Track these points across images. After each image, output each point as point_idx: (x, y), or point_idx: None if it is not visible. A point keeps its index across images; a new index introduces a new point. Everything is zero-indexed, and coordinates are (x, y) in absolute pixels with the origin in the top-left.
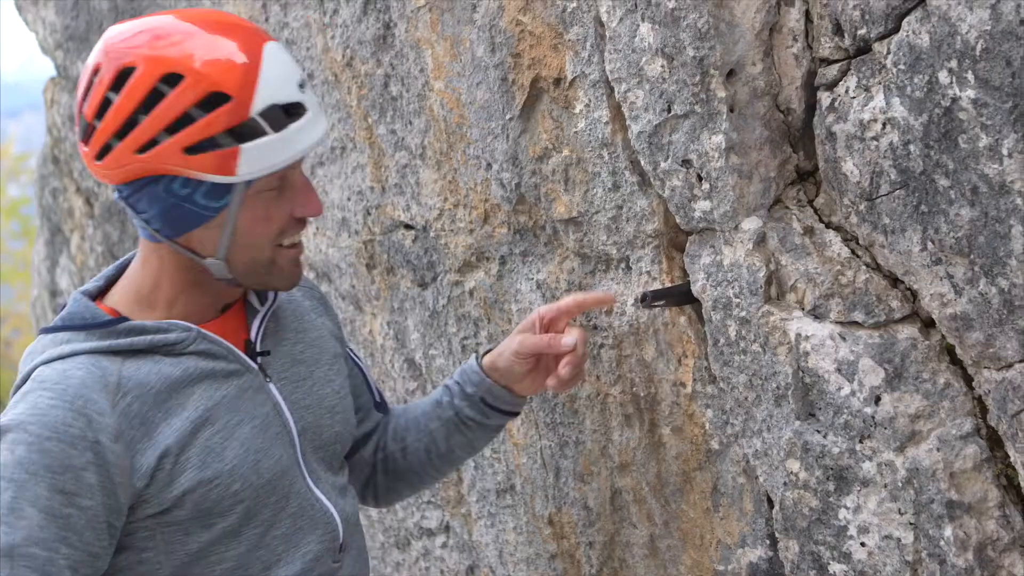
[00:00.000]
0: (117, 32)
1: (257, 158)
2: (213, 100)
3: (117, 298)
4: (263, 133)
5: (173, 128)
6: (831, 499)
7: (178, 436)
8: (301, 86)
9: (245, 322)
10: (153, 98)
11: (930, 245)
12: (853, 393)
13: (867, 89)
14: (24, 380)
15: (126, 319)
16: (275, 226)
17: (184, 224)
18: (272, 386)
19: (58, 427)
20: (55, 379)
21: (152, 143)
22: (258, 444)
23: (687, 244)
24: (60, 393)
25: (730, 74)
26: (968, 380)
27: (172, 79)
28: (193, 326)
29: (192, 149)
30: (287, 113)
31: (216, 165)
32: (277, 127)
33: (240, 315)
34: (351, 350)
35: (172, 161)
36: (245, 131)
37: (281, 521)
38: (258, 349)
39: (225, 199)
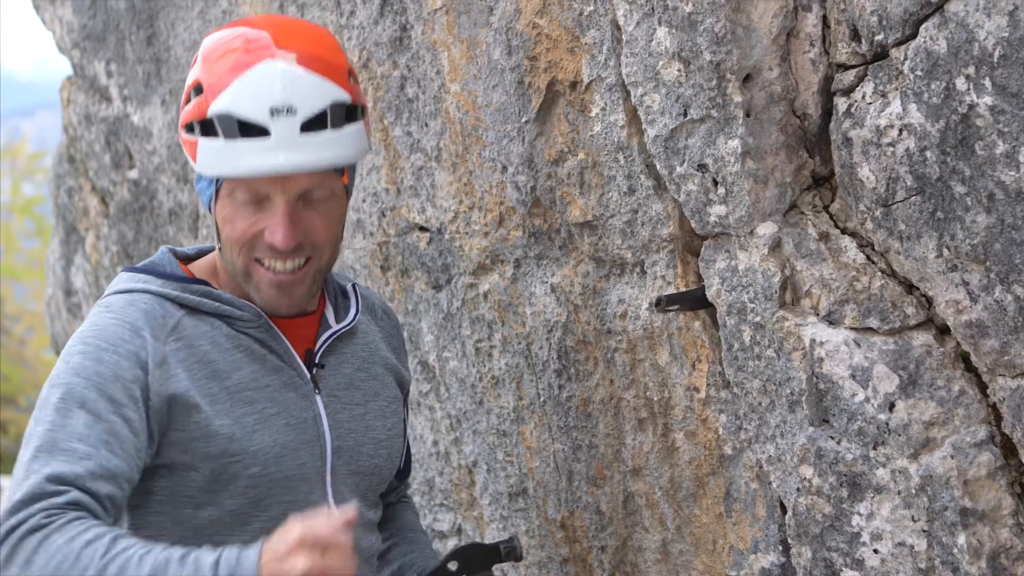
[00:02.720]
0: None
1: (206, 157)
2: (197, 89)
3: (199, 267)
4: (216, 135)
5: (184, 106)
6: (844, 505)
7: (212, 402)
8: (275, 112)
9: (316, 333)
10: (187, 80)
11: (946, 252)
12: (867, 399)
13: (884, 95)
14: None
15: (205, 282)
16: (239, 234)
17: (205, 203)
18: (319, 398)
19: (115, 340)
20: (120, 305)
21: (178, 124)
22: (287, 440)
23: (702, 249)
24: (122, 316)
25: (747, 79)
26: (983, 387)
27: (195, 63)
28: (264, 314)
29: (186, 129)
30: (243, 127)
31: (190, 150)
32: (228, 135)
33: (313, 325)
34: (407, 411)
35: (182, 139)
36: (206, 127)
37: None
38: (316, 361)
39: (211, 188)
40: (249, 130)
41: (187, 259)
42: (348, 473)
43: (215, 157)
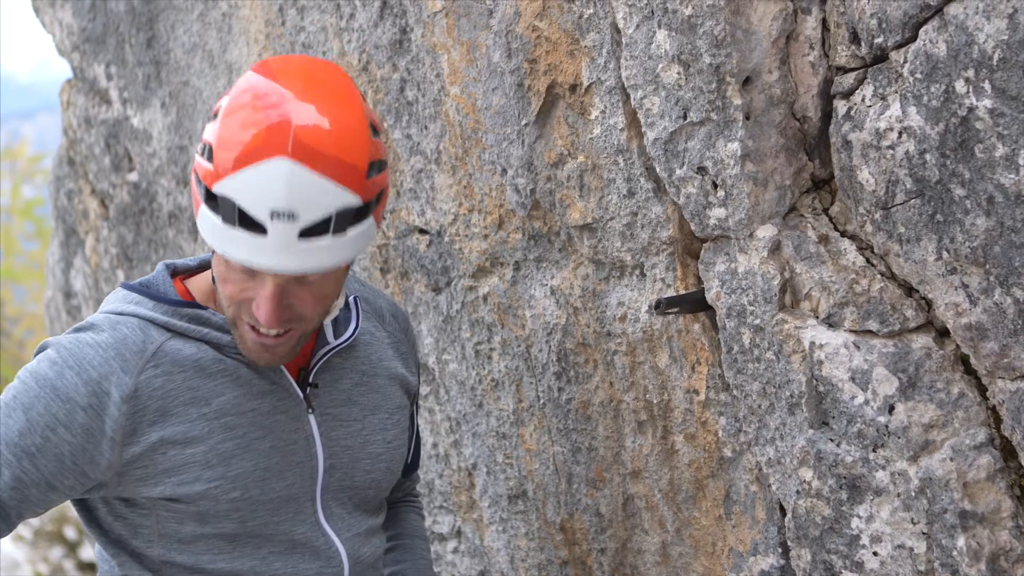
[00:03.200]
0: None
1: (205, 225)
2: (210, 153)
3: (197, 283)
4: (216, 211)
5: (201, 151)
6: (844, 508)
7: (188, 430)
8: (275, 215)
9: (312, 349)
10: (207, 124)
11: (945, 254)
12: (867, 402)
13: (883, 98)
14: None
15: (196, 305)
16: (228, 294)
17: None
18: (312, 418)
19: (83, 363)
20: (104, 326)
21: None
22: (272, 463)
23: (702, 251)
24: (102, 340)
25: (746, 81)
26: (982, 390)
27: (217, 113)
28: None
29: (195, 176)
30: (242, 218)
31: (196, 199)
32: (226, 219)
33: (309, 343)
34: (416, 407)
35: (194, 167)
36: (209, 196)
37: (280, 542)
38: (310, 380)
39: None
40: (248, 223)
41: (189, 272)
42: (341, 489)
43: (212, 231)
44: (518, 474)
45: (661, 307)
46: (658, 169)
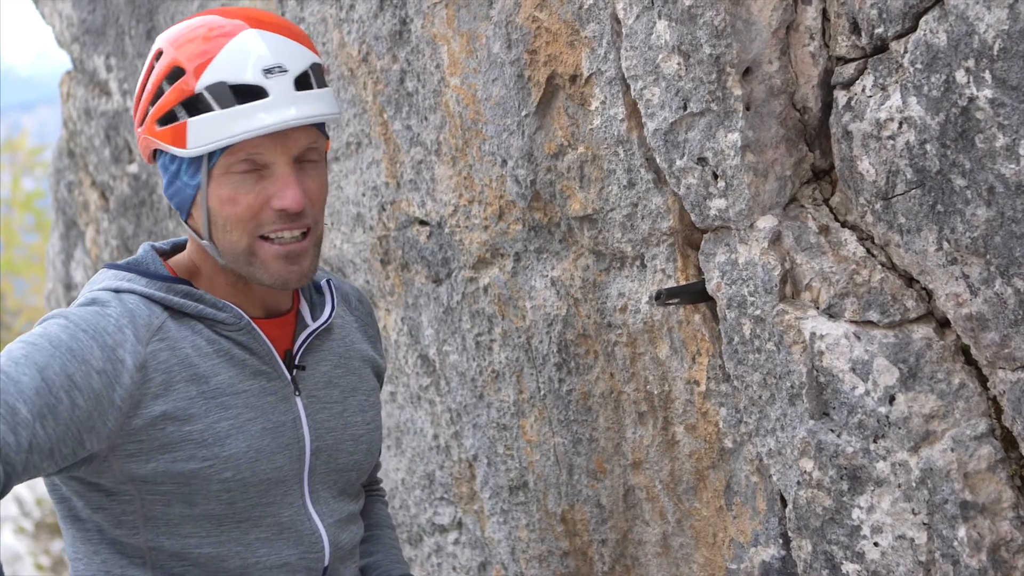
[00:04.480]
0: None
1: (201, 133)
2: (175, 74)
3: (176, 263)
4: (209, 108)
5: (153, 101)
6: (844, 499)
7: (187, 407)
8: (269, 72)
9: (293, 332)
10: (151, 76)
11: (946, 245)
12: (867, 392)
13: (884, 88)
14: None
15: (187, 282)
16: (243, 210)
17: (181, 201)
18: (299, 400)
19: (97, 328)
20: (108, 300)
21: (144, 117)
22: (263, 445)
23: (702, 242)
24: (111, 312)
25: (746, 72)
26: (983, 380)
27: (159, 57)
28: (245, 316)
29: (161, 121)
30: (238, 93)
31: (173, 137)
32: (223, 104)
33: (290, 325)
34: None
35: (154, 134)
36: (194, 105)
37: (267, 526)
38: (296, 362)
39: (198, 176)
40: (245, 95)
41: (164, 254)
42: (327, 472)
43: (214, 128)
44: (519, 465)
45: (662, 298)
46: (658, 160)
